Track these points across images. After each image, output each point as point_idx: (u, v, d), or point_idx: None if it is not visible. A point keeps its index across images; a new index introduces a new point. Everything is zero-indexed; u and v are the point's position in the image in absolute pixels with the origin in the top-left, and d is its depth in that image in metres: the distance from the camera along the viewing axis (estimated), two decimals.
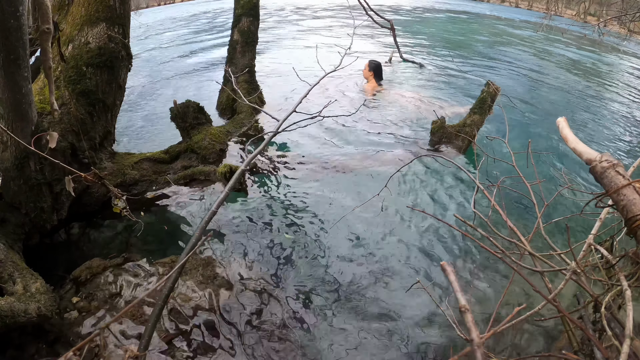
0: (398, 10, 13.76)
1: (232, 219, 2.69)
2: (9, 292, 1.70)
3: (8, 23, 1.49)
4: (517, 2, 20.28)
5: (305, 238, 2.55)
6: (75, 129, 2.35)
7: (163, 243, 2.48)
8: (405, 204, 2.87)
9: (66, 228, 2.49)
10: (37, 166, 2.06)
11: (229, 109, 4.14)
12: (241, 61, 4.14)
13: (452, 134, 3.50)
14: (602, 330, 1.35)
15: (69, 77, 2.36)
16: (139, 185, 2.72)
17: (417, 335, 1.97)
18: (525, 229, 2.62)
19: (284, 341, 1.88)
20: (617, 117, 5.31)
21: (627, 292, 1.01)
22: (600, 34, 7.68)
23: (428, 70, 6.30)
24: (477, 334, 0.81)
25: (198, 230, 1.83)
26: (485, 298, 2.18)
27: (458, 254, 2.48)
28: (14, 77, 1.66)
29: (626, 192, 0.96)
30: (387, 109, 4.52)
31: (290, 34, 9.13)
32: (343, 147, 3.65)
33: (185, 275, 2.13)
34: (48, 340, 1.74)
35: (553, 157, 3.71)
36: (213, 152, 3.04)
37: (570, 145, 1.17)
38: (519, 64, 7.48)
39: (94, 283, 2.04)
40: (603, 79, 7.34)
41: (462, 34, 10.47)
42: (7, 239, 1.96)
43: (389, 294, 2.18)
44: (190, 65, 6.64)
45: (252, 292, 2.12)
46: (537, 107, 5.24)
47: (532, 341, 1.94)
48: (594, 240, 1.29)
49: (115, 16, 2.44)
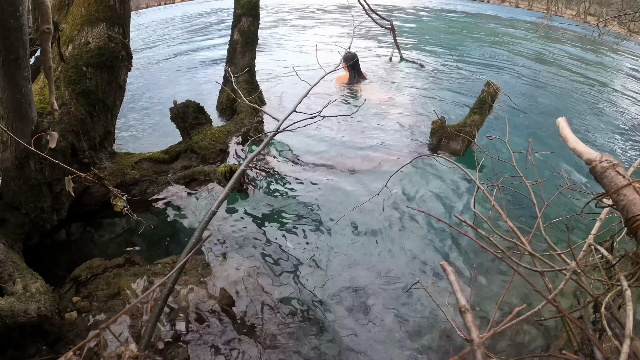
0: (398, 10, 13.77)
1: (232, 218, 2.69)
2: (9, 292, 1.70)
3: (8, 23, 1.49)
4: (517, 2, 20.29)
5: (305, 238, 2.54)
6: (75, 129, 2.35)
7: (163, 243, 2.48)
8: (405, 204, 2.87)
9: (66, 228, 2.49)
10: (37, 166, 2.06)
11: (229, 109, 4.14)
12: (241, 61, 4.14)
13: (452, 134, 3.50)
14: (602, 330, 1.35)
15: (69, 77, 2.36)
16: (139, 185, 2.72)
17: (416, 335, 1.96)
18: (525, 229, 2.62)
19: (284, 341, 1.88)
20: (617, 117, 5.31)
21: (627, 292, 1.01)
22: (600, 34, 7.68)
23: (428, 70, 6.30)
24: (477, 334, 0.81)
25: (198, 230, 1.83)
26: (485, 298, 2.18)
27: (458, 254, 2.48)
28: (14, 77, 1.66)
29: (626, 192, 0.96)
30: (386, 109, 4.52)
31: (290, 33, 9.14)
32: (343, 147, 3.65)
33: (185, 275, 2.13)
34: (48, 340, 1.74)
35: (553, 157, 3.71)
36: (213, 152, 3.04)
37: (571, 145, 1.17)
38: (518, 64, 7.48)
39: (94, 283, 2.04)
40: (603, 79, 7.34)
41: (462, 34, 10.47)
42: (7, 239, 1.96)
43: (389, 293, 2.18)
44: (190, 65, 6.64)
45: (252, 292, 2.12)
46: (537, 107, 5.25)
47: (532, 341, 1.94)
48: (594, 240, 1.29)
49: (115, 16, 2.44)
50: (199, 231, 1.81)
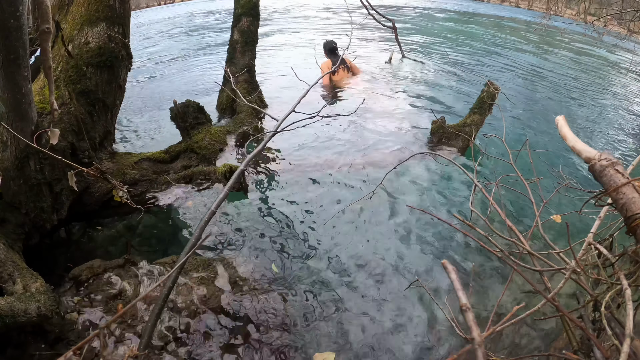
0: (398, 10, 13.76)
1: (231, 218, 2.69)
2: (9, 292, 1.70)
3: (8, 23, 1.49)
4: (517, 2, 20.29)
5: (305, 237, 2.55)
6: (75, 128, 2.35)
7: (163, 243, 2.48)
8: (405, 203, 2.88)
9: (66, 228, 2.49)
10: (37, 166, 2.06)
11: (229, 109, 4.13)
12: (241, 61, 4.14)
13: (452, 134, 3.50)
14: (602, 330, 1.35)
15: (69, 77, 2.36)
16: (139, 185, 2.72)
17: (416, 334, 1.97)
18: (524, 228, 2.62)
19: (283, 341, 1.88)
20: (616, 116, 5.31)
21: (627, 291, 1.00)
22: (600, 34, 7.67)
23: (427, 70, 6.30)
24: (478, 332, 0.81)
25: (197, 230, 1.83)
26: (484, 297, 2.18)
27: (457, 253, 2.48)
28: (14, 77, 1.66)
29: (625, 190, 0.97)
30: (386, 110, 4.52)
31: (290, 33, 9.14)
32: (342, 147, 3.65)
33: (185, 275, 2.13)
34: (48, 340, 1.74)
35: (552, 155, 3.71)
36: (213, 152, 3.04)
37: (570, 143, 1.17)
38: (518, 64, 7.49)
39: (95, 283, 2.04)
40: (602, 78, 7.34)
41: (462, 34, 10.47)
42: (7, 239, 1.96)
43: (388, 293, 2.18)
44: (190, 65, 6.65)
45: (252, 292, 2.12)
46: (536, 106, 5.25)
47: (531, 340, 1.94)
48: (593, 239, 1.29)
49: (115, 16, 2.44)
50: (199, 231, 1.81)
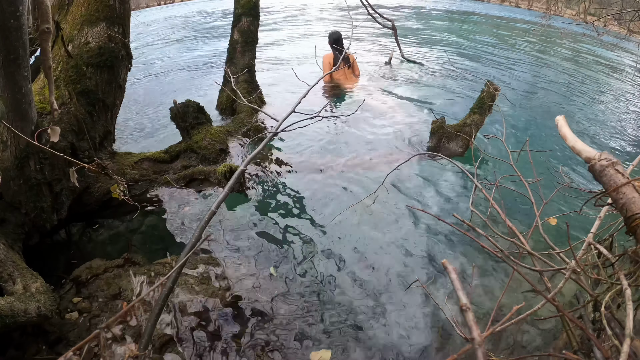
0: (397, 10, 13.76)
1: (231, 218, 2.69)
2: (9, 292, 1.70)
3: (8, 23, 1.49)
4: (517, 2, 20.28)
5: (305, 238, 2.55)
6: (75, 128, 2.35)
7: (163, 243, 2.48)
8: (405, 203, 2.88)
9: (66, 228, 2.49)
10: (37, 166, 2.07)
11: (229, 109, 4.14)
12: (241, 61, 4.14)
13: (452, 134, 3.50)
14: (602, 330, 1.35)
15: (69, 77, 2.36)
16: (139, 185, 2.72)
17: (416, 334, 1.97)
18: (524, 227, 2.62)
19: (283, 341, 1.88)
20: (616, 116, 5.31)
21: (627, 291, 1.00)
22: (599, 33, 7.67)
23: (427, 70, 6.30)
24: (479, 332, 0.81)
25: (197, 230, 1.83)
26: (484, 297, 2.18)
27: (457, 253, 2.48)
28: (14, 77, 1.66)
29: (625, 190, 0.96)
30: (386, 110, 4.52)
31: (290, 33, 9.13)
32: (342, 147, 3.65)
33: (185, 275, 2.13)
34: (48, 340, 1.74)
35: (552, 155, 3.71)
36: (213, 152, 3.04)
37: (569, 143, 1.17)
38: (518, 63, 7.49)
39: (95, 283, 2.04)
40: (602, 78, 7.34)
41: (461, 34, 10.46)
42: (7, 239, 1.96)
43: (388, 292, 2.18)
44: (190, 65, 6.64)
45: (252, 292, 2.12)
46: (536, 105, 5.25)
47: (531, 340, 1.94)
48: (593, 239, 1.29)
49: (115, 16, 2.44)
50: (199, 231, 1.80)
